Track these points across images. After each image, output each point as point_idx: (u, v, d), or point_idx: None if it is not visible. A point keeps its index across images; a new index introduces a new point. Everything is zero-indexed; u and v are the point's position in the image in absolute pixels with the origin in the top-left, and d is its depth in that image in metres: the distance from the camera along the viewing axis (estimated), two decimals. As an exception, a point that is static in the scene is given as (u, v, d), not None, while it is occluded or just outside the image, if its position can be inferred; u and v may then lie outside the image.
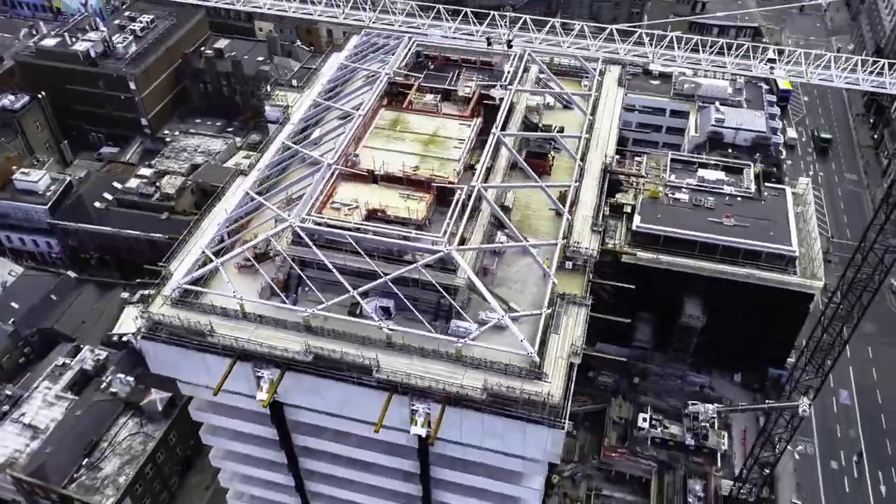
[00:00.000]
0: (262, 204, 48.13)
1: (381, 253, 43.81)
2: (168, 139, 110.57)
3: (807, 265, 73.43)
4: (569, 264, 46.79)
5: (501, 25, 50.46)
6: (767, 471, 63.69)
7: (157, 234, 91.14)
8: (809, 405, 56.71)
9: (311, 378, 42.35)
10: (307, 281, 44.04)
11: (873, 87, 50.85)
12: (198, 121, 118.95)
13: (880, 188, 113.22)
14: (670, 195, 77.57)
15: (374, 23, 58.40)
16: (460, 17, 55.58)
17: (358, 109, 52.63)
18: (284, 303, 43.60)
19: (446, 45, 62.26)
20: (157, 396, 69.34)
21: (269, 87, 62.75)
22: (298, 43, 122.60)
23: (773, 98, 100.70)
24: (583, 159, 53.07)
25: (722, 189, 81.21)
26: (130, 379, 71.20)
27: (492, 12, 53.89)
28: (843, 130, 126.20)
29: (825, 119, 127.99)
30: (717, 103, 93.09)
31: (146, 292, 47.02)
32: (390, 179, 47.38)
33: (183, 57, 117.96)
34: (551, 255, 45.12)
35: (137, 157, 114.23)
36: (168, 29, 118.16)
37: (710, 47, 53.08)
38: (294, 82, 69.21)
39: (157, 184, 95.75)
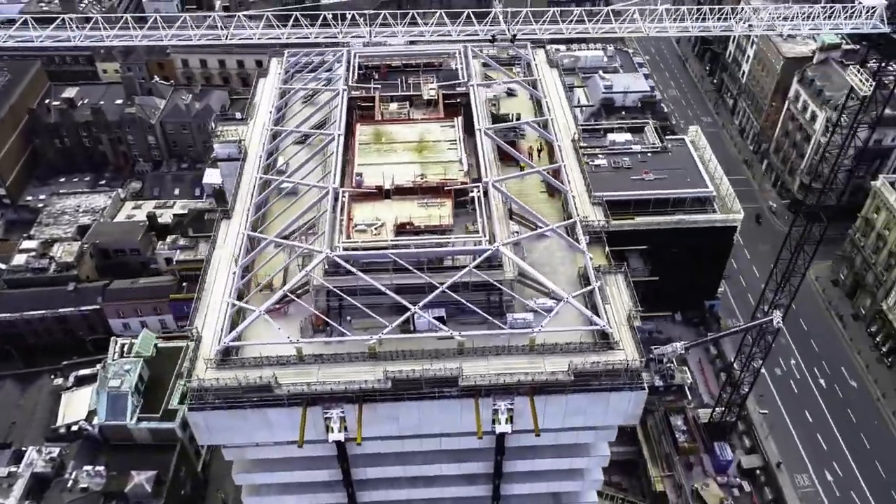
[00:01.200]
0: (277, 243, 45.63)
1: (418, 265, 43.32)
2: (41, 205, 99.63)
3: (722, 202, 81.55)
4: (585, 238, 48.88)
5: (502, 21, 51.05)
6: (746, 389, 70.24)
7: (68, 309, 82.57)
8: (782, 318, 63.33)
9: (387, 405, 41.14)
10: (358, 307, 42.69)
11: (701, 31, 55.68)
12: (61, 179, 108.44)
13: (733, 126, 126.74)
14: (591, 163, 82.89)
15: (315, 38, 56.82)
16: (319, 21, 53.95)
17: (324, 130, 51.60)
18: (334, 337, 42.14)
19: (384, 53, 62.36)
20: (141, 478, 63.31)
21: (213, 125, 59.10)
22: (157, 79, 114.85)
23: (641, 60, 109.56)
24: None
25: (632, 149, 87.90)
26: (101, 468, 64.42)
27: (352, 12, 53.53)
28: (687, 82, 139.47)
29: (668, 74, 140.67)
30: (601, 72, 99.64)
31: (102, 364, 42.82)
32: (402, 192, 46.72)
33: (30, 113, 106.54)
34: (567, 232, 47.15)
35: (1, 232, 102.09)
36: (5, 86, 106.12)
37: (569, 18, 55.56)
38: (238, 115, 65.48)
39: (49, 254, 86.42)
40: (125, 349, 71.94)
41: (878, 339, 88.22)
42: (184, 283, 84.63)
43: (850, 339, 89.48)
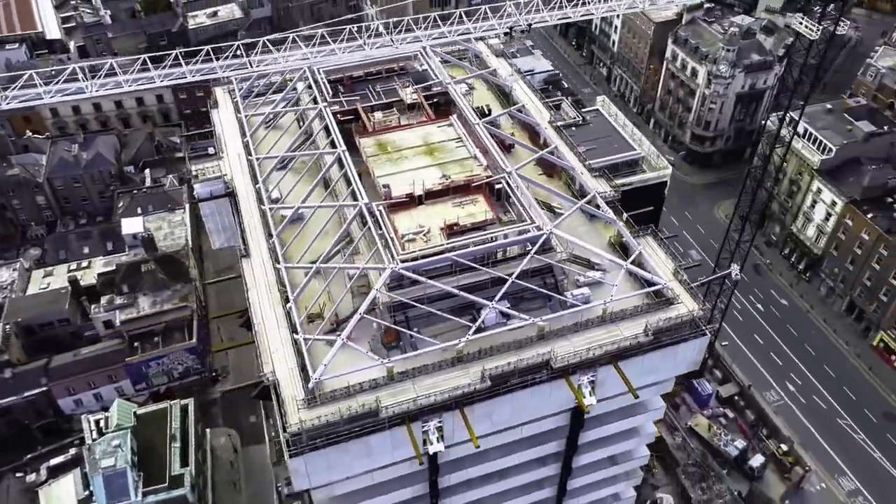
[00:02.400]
0: (326, 269, 44.10)
1: (476, 262, 43.72)
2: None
3: (649, 161, 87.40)
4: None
5: (515, 14, 51.67)
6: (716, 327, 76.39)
7: (9, 399, 74.04)
8: (740, 270, 69.61)
9: (483, 405, 41.29)
10: (421, 316, 42.40)
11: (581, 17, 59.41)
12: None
13: (612, 93, 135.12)
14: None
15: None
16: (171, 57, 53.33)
17: (323, 149, 50.59)
18: (409, 349, 41.71)
19: (346, 65, 61.21)
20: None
21: (188, 167, 55.18)
22: (29, 134, 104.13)
23: (532, 43, 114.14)
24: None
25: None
26: (117, 558, 58.92)
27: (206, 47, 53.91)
28: (557, 58, 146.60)
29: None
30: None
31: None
32: (433, 195, 46.72)
33: None
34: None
35: None
36: None
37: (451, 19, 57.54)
38: (210, 150, 61.08)
39: (-33, 344, 76.69)
40: (101, 425, 65.89)
41: (793, 260, 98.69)
42: (135, 344, 78.50)
43: (769, 264, 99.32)
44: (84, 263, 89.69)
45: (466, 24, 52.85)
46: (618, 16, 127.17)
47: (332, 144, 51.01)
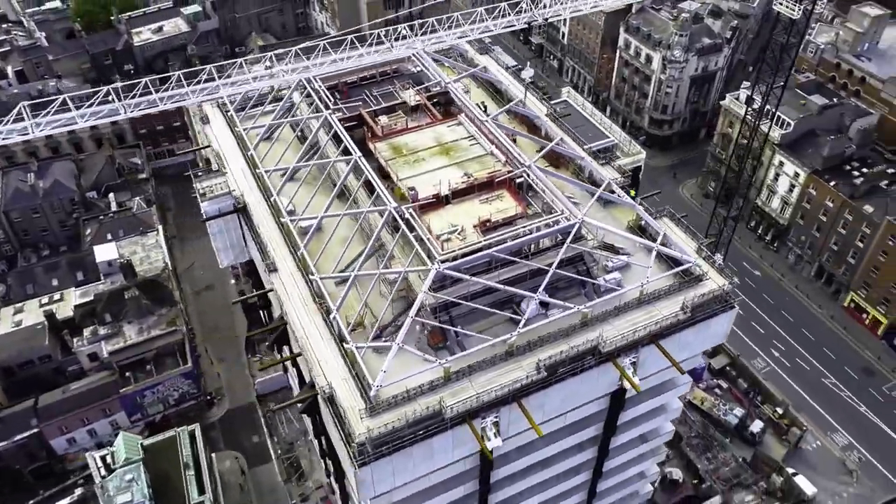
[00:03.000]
0: (363, 276, 43.72)
1: (511, 256, 44.19)
2: None
3: (623, 146, 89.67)
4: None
5: (530, 9, 51.98)
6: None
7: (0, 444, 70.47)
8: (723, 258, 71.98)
9: (536, 396, 41.67)
10: (464, 314, 42.61)
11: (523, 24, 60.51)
12: None
13: (565, 84, 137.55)
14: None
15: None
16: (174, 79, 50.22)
17: (338, 157, 50.16)
18: (457, 348, 41.86)
19: (339, 72, 60.60)
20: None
21: (197, 185, 53.45)
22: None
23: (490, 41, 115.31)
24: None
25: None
26: None
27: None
28: (507, 54, 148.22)
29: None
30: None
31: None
32: (459, 194, 46.89)
33: None
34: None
35: None
36: None
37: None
38: (213, 166, 58.87)
39: (-57, 392, 72.56)
40: (108, 461, 63.49)
41: (759, 232, 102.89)
42: (127, 374, 75.76)
43: (738, 237, 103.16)
44: (56, 296, 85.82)
45: (464, 27, 52.84)
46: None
47: (346, 151, 50.52)
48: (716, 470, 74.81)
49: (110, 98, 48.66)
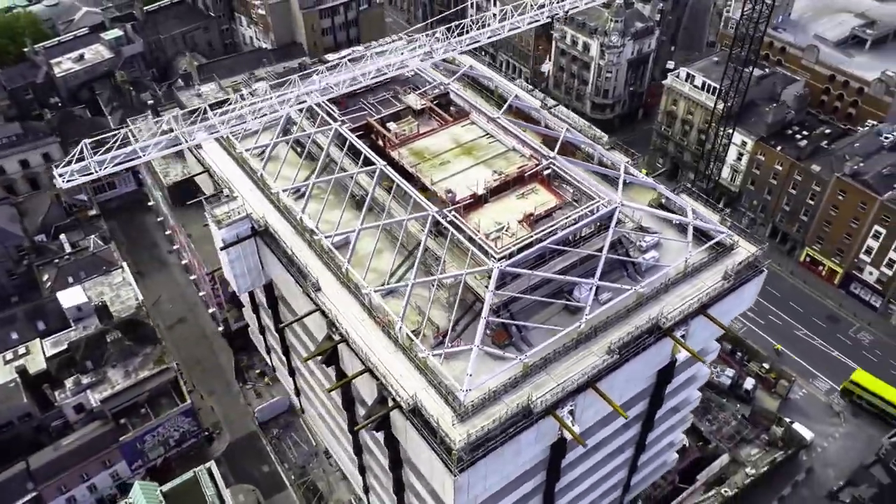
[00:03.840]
0: (419, 284, 43.35)
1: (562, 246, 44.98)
2: None
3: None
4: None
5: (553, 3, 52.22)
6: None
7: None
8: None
9: (607, 380, 42.56)
10: (523, 308, 43.05)
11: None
12: None
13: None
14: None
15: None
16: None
17: (360, 168, 49.62)
18: (521, 342, 42.36)
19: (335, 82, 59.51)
20: None
21: (210, 212, 50.84)
22: None
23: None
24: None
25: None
26: None
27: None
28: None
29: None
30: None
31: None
32: (495, 192, 47.27)
33: None
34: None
35: None
36: None
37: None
38: (226, 192, 55.33)
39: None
40: (127, 514, 60.11)
41: (711, 201, 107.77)
42: (122, 421, 71.72)
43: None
44: (21, 349, 79.99)
45: (493, 26, 52.76)
46: (496, 3, 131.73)
47: (367, 162, 49.83)
48: (718, 430, 78.20)
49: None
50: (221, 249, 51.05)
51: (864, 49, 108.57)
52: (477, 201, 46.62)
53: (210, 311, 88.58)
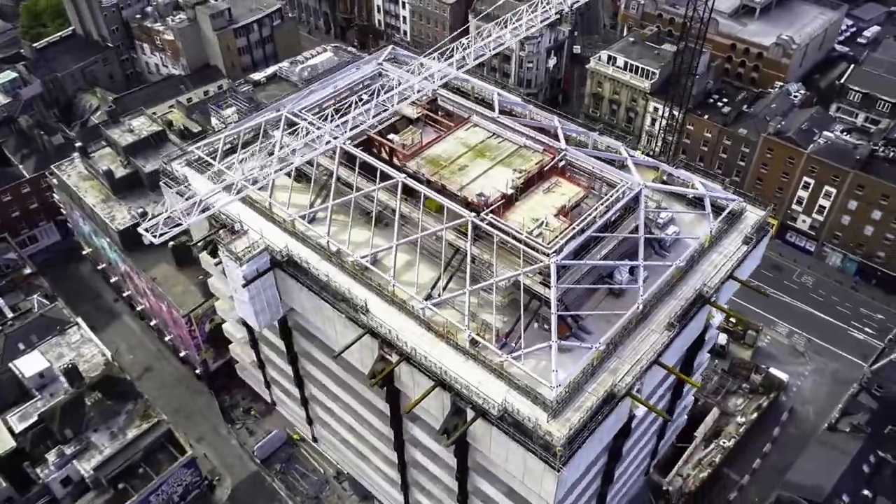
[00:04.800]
0: (477, 289, 43.36)
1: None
2: None
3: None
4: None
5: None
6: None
7: None
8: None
9: (666, 354, 44.28)
10: (575, 297, 44.10)
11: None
12: None
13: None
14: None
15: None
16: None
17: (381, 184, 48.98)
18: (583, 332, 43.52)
19: (316, 100, 58.06)
20: None
21: (226, 250, 47.84)
22: None
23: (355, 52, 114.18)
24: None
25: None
26: None
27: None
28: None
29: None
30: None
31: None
32: (522, 190, 47.83)
33: None
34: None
35: None
36: None
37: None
38: (237, 227, 51.35)
39: None
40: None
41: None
42: (120, 486, 67.07)
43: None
44: (-20, 431, 73.02)
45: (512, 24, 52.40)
46: (404, 5, 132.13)
47: (384, 177, 49.05)
48: (703, 386, 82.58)
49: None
50: (244, 286, 48.77)
51: (754, 17, 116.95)
52: (508, 201, 47.05)
53: (181, 354, 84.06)
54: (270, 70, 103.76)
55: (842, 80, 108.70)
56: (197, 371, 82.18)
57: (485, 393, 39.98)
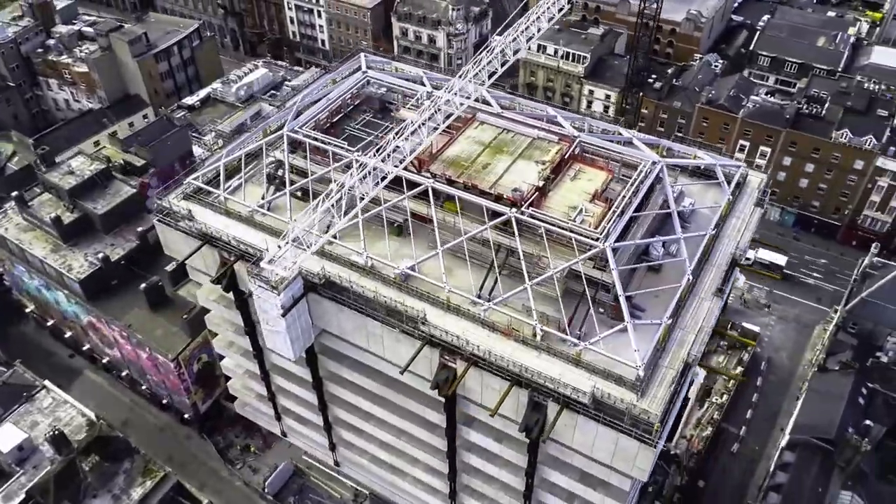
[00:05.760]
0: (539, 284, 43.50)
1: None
2: None
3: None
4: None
5: None
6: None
7: None
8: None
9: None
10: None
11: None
12: None
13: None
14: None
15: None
16: None
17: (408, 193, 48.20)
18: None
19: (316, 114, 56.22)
20: None
21: (259, 281, 44.97)
22: None
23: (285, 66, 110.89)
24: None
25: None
26: None
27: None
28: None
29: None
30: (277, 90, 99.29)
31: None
32: (551, 179, 48.35)
33: None
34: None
35: None
36: None
37: None
38: (265, 254, 47.50)
39: None
40: None
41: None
42: (137, 550, 62.64)
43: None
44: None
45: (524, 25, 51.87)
46: (319, 14, 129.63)
47: (411, 185, 48.17)
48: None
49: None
50: (283, 316, 46.61)
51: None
52: (541, 193, 47.44)
53: (164, 401, 79.21)
54: (203, 93, 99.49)
55: (751, 47, 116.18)
56: (185, 416, 77.72)
57: (571, 383, 40.23)
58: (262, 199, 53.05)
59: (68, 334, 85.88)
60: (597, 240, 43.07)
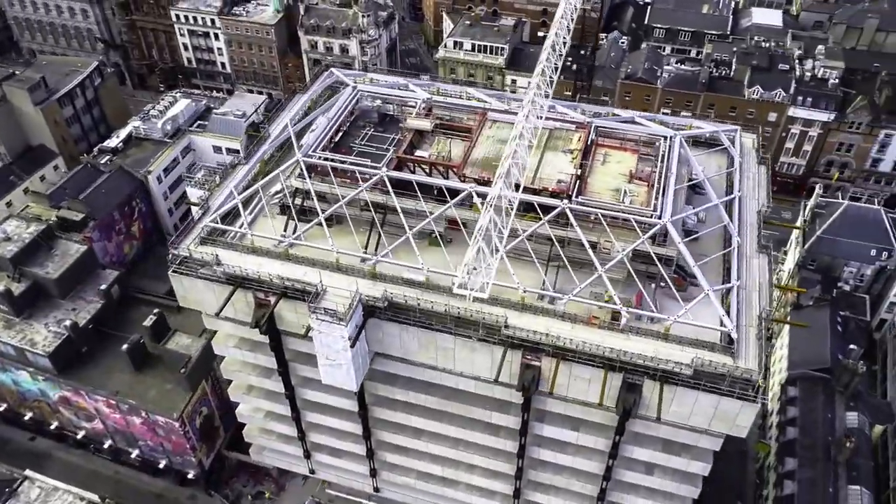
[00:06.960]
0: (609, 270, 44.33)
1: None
2: None
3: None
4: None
5: None
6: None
7: None
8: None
9: (755, 274, 49.20)
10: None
11: None
12: None
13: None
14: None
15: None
16: None
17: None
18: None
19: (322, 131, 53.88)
20: None
21: (318, 315, 42.02)
22: None
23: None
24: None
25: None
26: None
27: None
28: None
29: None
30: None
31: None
32: (585, 165, 49.32)
33: None
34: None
35: None
36: None
37: None
38: (319, 288, 43.64)
39: None
40: None
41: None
42: None
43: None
44: None
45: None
46: (217, 37, 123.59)
47: (453, 193, 47.52)
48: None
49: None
50: (352, 347, 44.67)
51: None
52: (582, 180, 48.34)
53: (160, 465, 73.31)
54: (124, 133, 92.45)
55: (645, 21, 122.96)
56: (188, 476, 72.35)
57: (669, 358, 41.41)
58: (285, 230, 50.49)
59: (28, 416, 77.37)
60: (654, 217, 44.51)
